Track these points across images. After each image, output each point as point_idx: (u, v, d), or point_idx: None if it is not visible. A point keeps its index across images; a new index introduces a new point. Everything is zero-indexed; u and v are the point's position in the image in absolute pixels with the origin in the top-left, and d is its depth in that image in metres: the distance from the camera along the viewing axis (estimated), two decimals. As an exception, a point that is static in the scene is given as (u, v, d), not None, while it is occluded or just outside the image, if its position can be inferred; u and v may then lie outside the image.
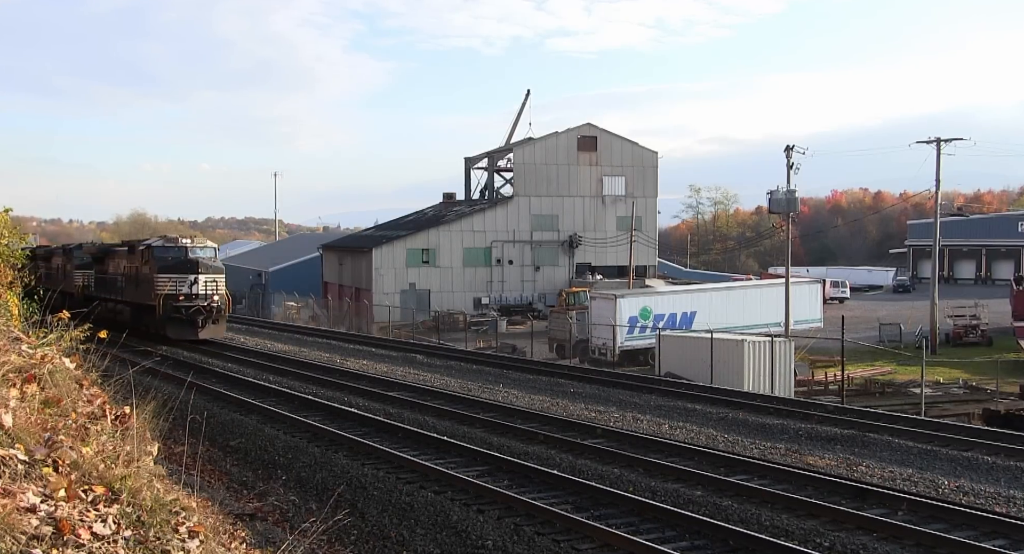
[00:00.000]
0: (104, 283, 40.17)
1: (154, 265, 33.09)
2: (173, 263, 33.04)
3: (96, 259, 41.97)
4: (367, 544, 11.29)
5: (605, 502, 12.68)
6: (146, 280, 33.55)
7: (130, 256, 36.29)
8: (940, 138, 48.57)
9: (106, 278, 39.99)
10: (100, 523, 4.65)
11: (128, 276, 36.41)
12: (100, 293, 39.73)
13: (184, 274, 32.66)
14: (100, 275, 40.94)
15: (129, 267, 36.29)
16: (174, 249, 33.50)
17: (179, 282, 32.58)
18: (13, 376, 6.55)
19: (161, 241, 34.23)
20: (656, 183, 76.29)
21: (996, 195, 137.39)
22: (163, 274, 32.63)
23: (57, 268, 47.91)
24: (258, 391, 23.12)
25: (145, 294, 33.60)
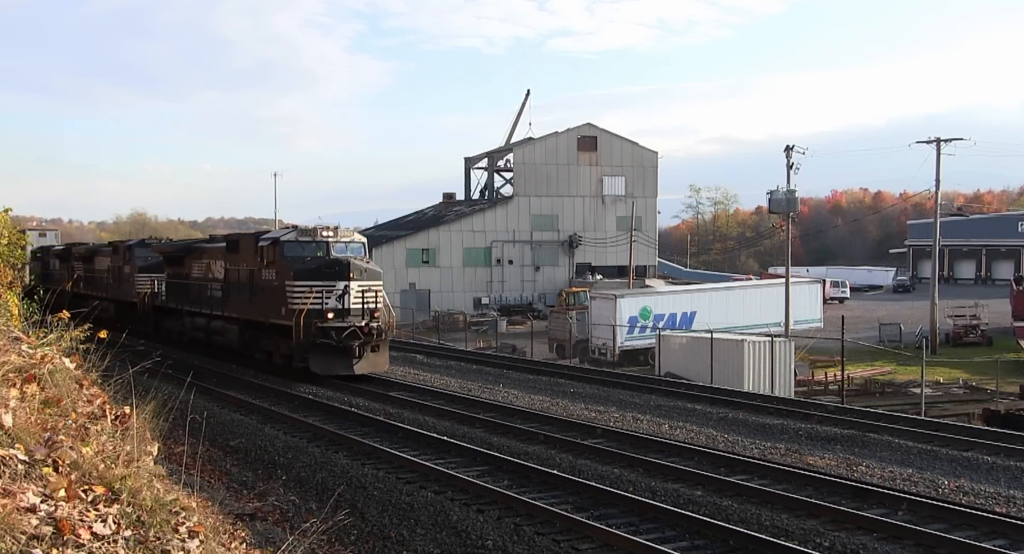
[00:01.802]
0: (186, 292, 31.62)
1: (285, 268, 23.99)
2: (314, 266, 23.89)
3: (171, 259, 33.58)
4: (367, 544, 11.28)
5: (605, 502, 12.67)
6: (272, 290, 24.58)
7: (234, 255, 27.70)
8: (940, 138, 48.57)
9: (189, 285, 31.33)
10: (100, 523, 4.65)
11: (235, 284, 27.42)
12: (178, 304, 32.05)
13: (331, 281, 23.54)
14: (177, 280, 32.48)
15: (236, 271, 27.41)
16: (312, 244, 24.55)
17: (325, 293, 23.40)
18: (13, 376, 6.54)
19: (293, 233, 25.09)
20: (656, 183, 76.30)
21: (996, 195, 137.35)
22: (301, 282, 23.43)
23: (107, 271, 40.65)
24: (258, 391, 23.12)
25: (271, 309, 24.59)
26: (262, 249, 25.33)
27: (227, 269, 28.05)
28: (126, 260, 37.71)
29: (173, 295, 32.95)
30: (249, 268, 26.22)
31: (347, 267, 23.67)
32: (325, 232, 24.86)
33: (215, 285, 28.88)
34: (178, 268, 32.49)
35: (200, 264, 30.44)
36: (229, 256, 27.90)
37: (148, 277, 35.59)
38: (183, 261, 32.01)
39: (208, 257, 29.84)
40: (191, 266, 31.30)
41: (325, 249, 24.56)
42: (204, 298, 29.64)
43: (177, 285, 32.50)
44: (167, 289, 33.70)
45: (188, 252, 31.98)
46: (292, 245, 24.50)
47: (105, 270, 41.10)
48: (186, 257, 31.85)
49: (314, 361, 23.47)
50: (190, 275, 31.31)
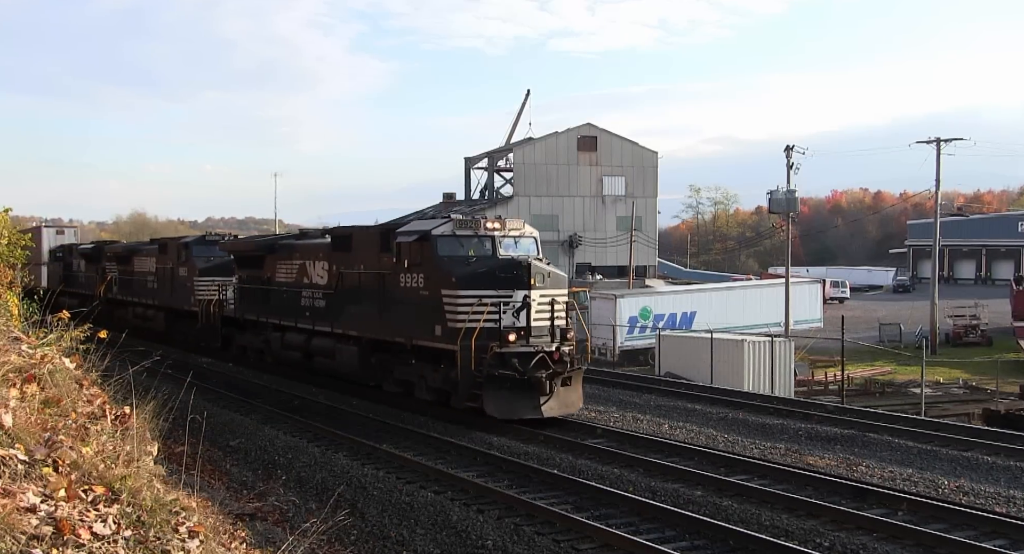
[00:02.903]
0: (268, 300, 25.32)
1: (441, 272, 17.82)
2: (483, 269, 17.60)
3: (245, 260, 27.62)
4: (367, 544, 11.28)
5: (605, 502, 12.68)
6: (418, 301, 18.29)
7: (344, 254, 21.64)
8: (940, 138, 48.60)
9: (273, 292, 25.14)
10: (100, 523, 4.65)
11: (350, 291, 21.26)
12: (258, 315, 25.99)
13: (507, 290, 17.24)
14: (256, 286, 26.22)
15: (352, 274, 21.14)
16: (473, 240, 18.28)
17: (501, 306, 17.17)
18: (13, 376, 6.55)
19: (448, 225, 18.38)
20: (656, 183, 76.34)
21: (996, 195, 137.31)
22: (467, 291, 17.16)
23: (152, 273, 34.90)
24: (257, 391, 23.12)
25: (417, 326, 18.35)
26: (401, 246, 19.02)
27: (335, 272, 22.04)
28: (181, 260, 31.94)
29: (250, 304, 26.59)
30: (375, 271, 20.11)
31: (527, 271, 17.23)
32: (490, 224, 18.40)
33: (315, 293, 22.98)
34: (255, 270, 26.53)
35: (289, 265, 24.64)
36: (337, 255, 22.09)
37: (211, 281, 29.88)
38: (262, 262, 26.03)
39: (302, 256, 24.05)
40: (275, 268, 25.43)
41: (491, 246, 18.22)
42: (297, 309, 23.68)
43: (255, 292, 26.27)
44: (240, 296, 27.47)
45: (270, 250, 25.94)
46: (448, 241, 18.14)
47: (149, 272, 35.33)
48: (267, 257, 25.83)
49: (490, 400, 16.87)
50: (274, 279, 25.42)
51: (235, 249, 29.38)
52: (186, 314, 31.56)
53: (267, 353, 26.14)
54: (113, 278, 39.07)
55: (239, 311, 27.53)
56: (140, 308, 35.98)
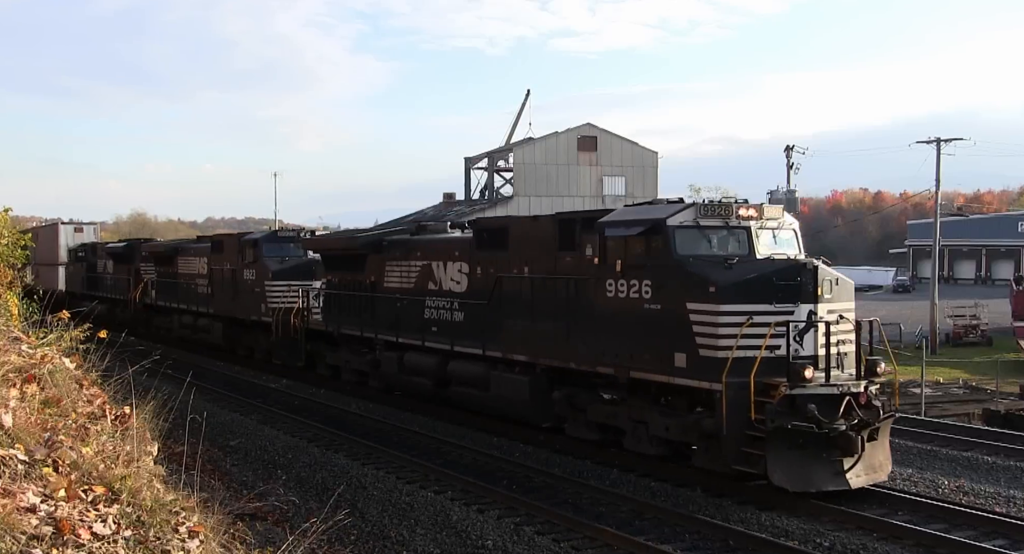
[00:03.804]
0: (392, 311, 20.20)
1: (687, 277, 13.04)
2: (753, 275, 12.80)
3: (340, 260, 22.69)
4: (367, 544, 11.29)
5: (605, 502, 12.67)
6: (644, 319, 13.47)
7: (504, 253, 16.82)
8: (940, 138, 48.59)
9: (397, 302, 20.06)
10: (100, 523, 4.65)
11: (513, 299, 16.36)
12: (368, 330, 20.93)
13: (786, 304, 12.55)
14: (359, 293, 21.53)
15: (520, 281, 16.26)
16: (723, 232, 13.50)
17: (775, 327, 12.38)
18: (13, 376, 6.55)
19: (689, 211, 13.55)
20: (656, 183, 76.29)
21: (996, 195, 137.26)
22: (733, 306, 12.45)
23: (203, 276, 30.49)
24: (257, 390, 23.12)
25: (647, 353, 13.49)
26: (610, 242, 14.14)
27: (482, 276, 17.27)
28: (246, 260, 27.16)
29: (346, 315, 22.01)
30: (557, 275, 15.29)
31: (813, 277, 12.62)
32: (744, 211, 13.45)
33: (447, 303, 18.38)
34: (353, 273, 21.97)
35: (404, 267, 20.04)
36: (485, 255, 17.34)
37: (287, 286, 25.47)
38: (363, 262, 21.54)
39: (426, 256, 19.35)
40: (382, 270, 20.77)
41: (746, 240, 13.39)
42: (419, 323, 19.07)
43: (354, 300, 21.74)
44: (332, 305, 22.89)
45: (375, 249, 21.14)
46: (690, 235, 13.32)
47: (199, 274, 30.88)
48: (370, 257, 21.30)
49: (777, 464, 11.90)
50: (381, 284, 20.81)
51: (324, 247, 24.31)
52: (253, 325, 27.01)
53: (374, 377, 21.37)
54: (150, 281, 34.99)
55: (332, 323, 22.55)
56: (188, 316, 31.59)
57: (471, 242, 18.09)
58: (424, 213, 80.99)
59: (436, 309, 18.78)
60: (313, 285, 24.46)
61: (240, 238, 28.64)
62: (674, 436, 13.53)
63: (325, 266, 23.75)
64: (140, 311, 35.49)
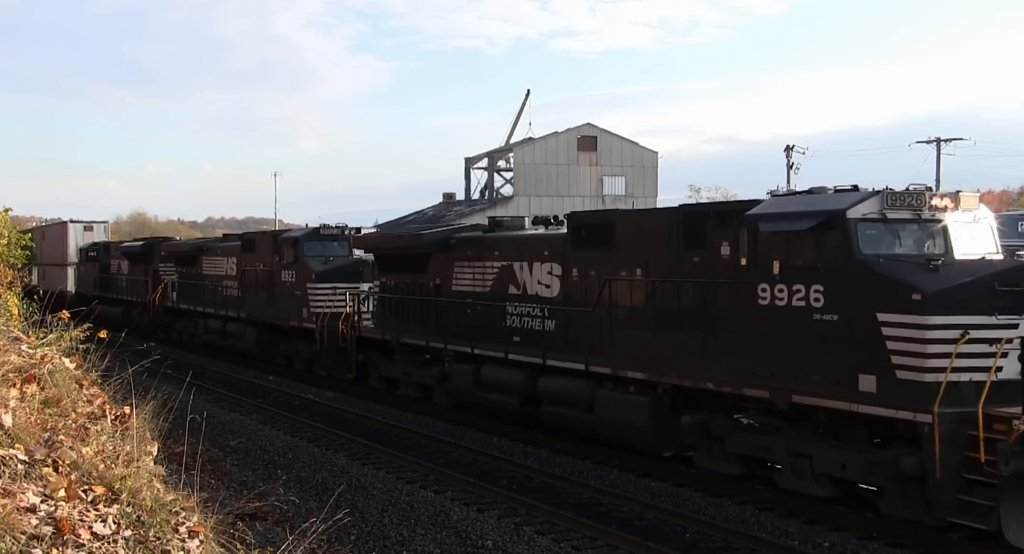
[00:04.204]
0: (462, 319, 18.03)
1: (875, 281, 10.79)
2: (968, 280, 10.57)
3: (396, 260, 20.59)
4: (367, 544, 11.28)
5: (605, 502, 12.67)
6: (807, 330, 11.37)
7: (609, 252, 14.62)
8: (940, 138, 48.65)
9: (469, 307, 17.95)
10: (100, 523, 4.66)
11: (633, 308, 14.22)
12: (434, 339, 18.55)
13: (1010, 316, 10.27)
14: (422, 298, 19.30)
15: (633, 285, 14.18)
16: (913, 227, 11.35)
17: (989, 346, 10.11)
18: (13, 376, 6.55)
19: (872, 199, 11.28)
20: (656, 183, 76.33)
21: (996, 195, 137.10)
22: (946, 318, 10.22)
23: (232, 278, 28.20)
24: (257, 391, 23.13)
25: (817, 371, 11.27)
26: (762, 239, 12.01)
27: (579, 278, 15.30)
28: (285, 260, 24.74)
29: (404, 321, 19.73)
30: (683, 279, 13.11)
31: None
32: (938, 201, 11.39)
33: (533, 309, 16.34)
34: (413, 275, 19.65)
35: (478, 269, 17.87)
36: (581, 254, 15.22)
37: (331, 289, 22.85)
38: (425, 263, 19.17)
39: (506, 256, 17.15)
40: (449, 272, 18.56)
41: (942, 238, 11.43)
42: (499, 331, 16.91)
43: (415, 305, 19.52)
44: (387, 310, 20.60)
45: (442, 248, 18.80)
46: (875, 230, 11.31)
47: (227, 276, 28.68)
48: (434, 256, 19.02)
49: (1014, 516, 9.77)
50: (449, 287, 18.61)
51: (379, 246, 22.08)
52: (292, 332, 24.74)
53: (441, 392, 19.03)
54: (171, 283, 32.95)
55: (388, 331, 20.22)
56: (215, 321, 29.20)
57: (564, 240, 15.89)
58: (424, 213, 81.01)
59: (520, 316, 16.67)
60: (360, 288, 22.40)
61: (277, 236, 26.18)
62: (854, 476, 11.33)
63: (379, 267, 21.58)
64: (159, 314, 33.77)
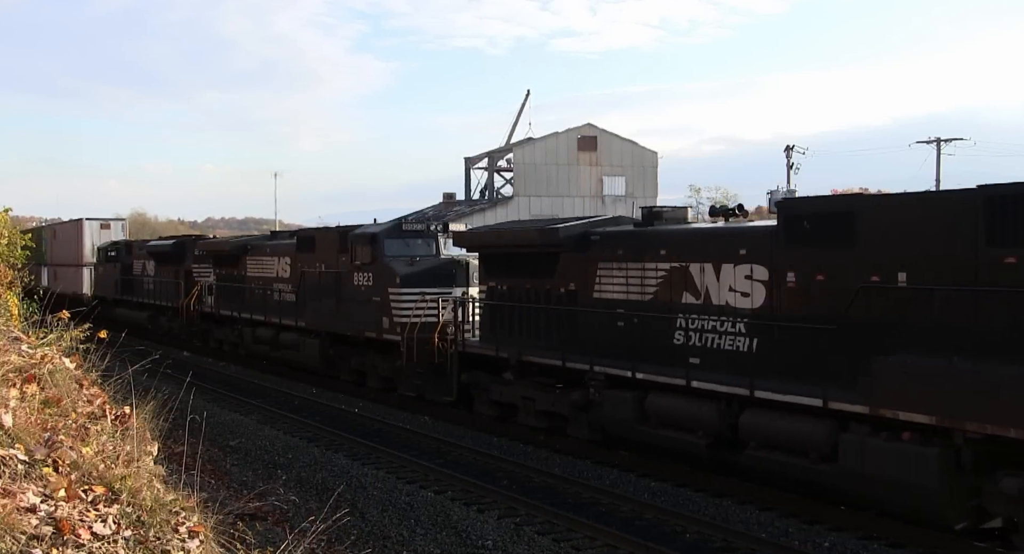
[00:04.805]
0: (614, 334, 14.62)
1: None
2: None
3: (511, 261, 17.01)
4: (367, 544, 11.28)
5: (605, 502, 12.67)
6: None
7: (852, 250, 11.16)
8: (940, 138, 48.67)
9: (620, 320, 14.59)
10: (100, 523, 4.66)
11: (919, 325, 10.27)
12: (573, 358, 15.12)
13: None
14: (557, 308, 15.83)
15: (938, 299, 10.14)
16: None
17: None
18: (13, 376, 6.55)
19: None
20: (656, 183, 76.36)
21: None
22: None
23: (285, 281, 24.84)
24: (257, 390, 23.13)
25: None
26: None
27: (790, 282, 12.08)
28: (360, 261, 21.10)
29: (524, 334, 16.46)
30: (1002, 284, 9.71)
31: None
32: None
33: (709, 323, 13.11)
34: (535, 279, 16.30)
35: (634, 272, 14.44)
36: (798, 254, 11.94)
37: (419, 295, 19.33)
38: (554, 264, 15.85)
39: (675, 256, 13.79)
40: (590, 275, 15.16)
41: None
42: (670, 351, 13.56)
43: (539, 316, 16.18)
44: (499, 321, 17.09)
45: (579, 246, 15.37)
46: None
47: (279, 278, 25.30)
48: (566, 256, 15.68)
49: None
50: (587, 293, 15.23)
51: (488, 244, 18.08)
52: (368, 344, 21.26)
53: (580, 424, 15.26)
54: (207, 285, 29.96)
55: (502, 346, 16.68)
56: (266, 329, 25.71)
57: (772, 235, 12.37)
58: (424, 213, 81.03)
59: (699, 332, 13.24)
60: (454, 293, 19.25)
61: (345, 233, 22.36)
62: None
63: (486, 269, 17.89)
64: (194, 321, 30.67)
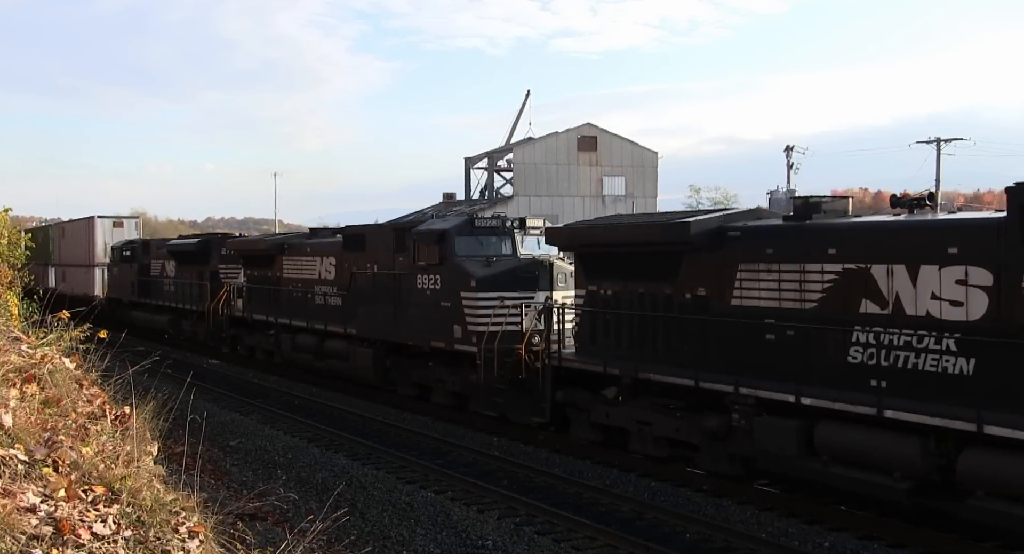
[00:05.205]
0: (779, 349, 11.88)
1: None
2: None
3: (620, 260, 14.59)
4: (367, 544, 11.28)
5: (605, 502, 12.67)
6: None
7: None
8: (940, 138, 48.66)
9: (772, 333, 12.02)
10: (100, 523, 4.66)
11: None
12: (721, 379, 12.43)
13: None
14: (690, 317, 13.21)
15: None
16: None
17: None
18: (13, 376, 6.55)
19: None
20: (656, 183, 76.39)
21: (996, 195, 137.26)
22: None
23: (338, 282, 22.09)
24: (257, 390, 23.13)
25: None
26: None
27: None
28: (426, 261, 18.59)
29: (631, 345, 14.21)
30: None
31: None
32: None
33: (902, 338, 10.76)
34: (645, 281, 14.15)
35: (784, 274, 12.14)
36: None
37: (496, 299, 17.00)
38: (676, 265, 13.57)
39: (861, 251, 11.40)
40: (723, 277, 12.91)
41: None
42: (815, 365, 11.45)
43: (649, 326, 14.01)
44: (604, 330, 14.86)
45: (709, 243, 13.06)
46: None
47: (321, 280, 23.01)
48: (689, 256, 13.39)
49: None
50: (724, 299, 12.90)
51: (589, 241, 15.72)
52: (433, 355, 18.88)
53: (716, 455, 12.88)
54: (237, 287, 28.10)
55: (611, 361, 14.37)
56: (307, 336, 23.48)
57: (1001, 229, 10.39)
58: (424, 213, 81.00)
59: (885, 349, 10.91)
60: (536, 298, 16.98)
61: (402, 230, 20.00)
62: None
63: (585, 270, 15.55)
64: (223, 326, 28.53)
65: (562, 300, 16.58)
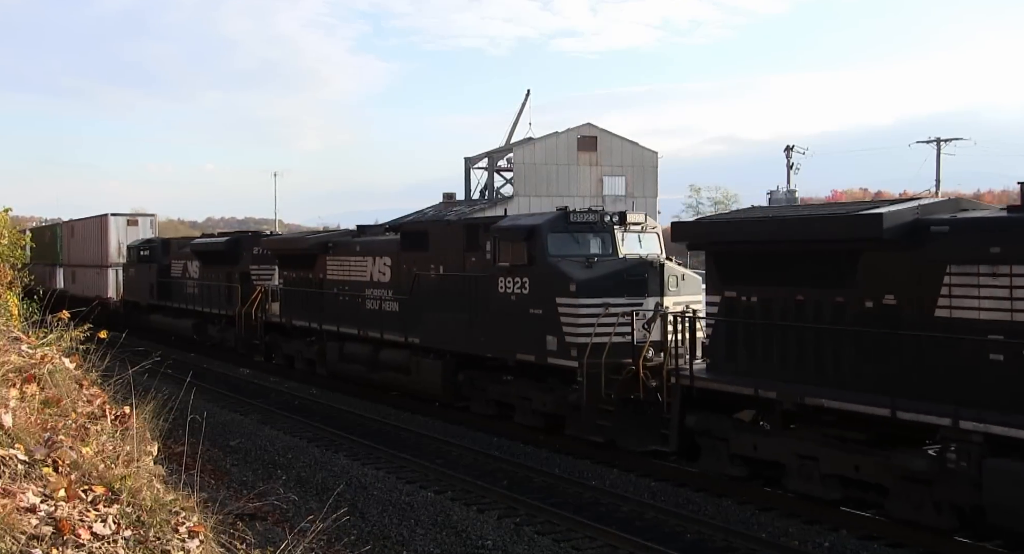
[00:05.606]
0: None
1: None
2: None
3: (789, 260, 11.93)
4: (367, 544, 11.28)
5: (605, 502, 12.67)
6: None
7: None
8: (940, 138, 48.69)
9: None
10: (100, 523, 4.66)
11: None
12: (945, 412, 9.78)
13: None
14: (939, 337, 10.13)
15: None
16: None
17: None
18: (13, 376, 6.55)
19: None
20: (656, 183, 76.38)
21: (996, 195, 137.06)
22: None
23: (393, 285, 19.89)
24: (257, 391, 23.12)
25: None
26: None
27: None
28: (511, 262, 16.24)
29: (783, 362, 12.08)
30: None
31: None
32: None
33: None
34: (801, 287, 11.91)
35: (1017, 278, 9.60)
36: None
37: (600, 306, 14.75)
38: (852, 265, 11.32)
39: None
40: (909, 281, 10.74)
41: None
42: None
43: (812, 339, 11.72)
44: (746, 346, 12.63)
45: (900, 240, 10.71)
46: None
47: (372, 282, 20.81)
48: (871, 254, 11.10)
49: None
50: (916, 310, 10.64)
51: (723, 238, 13.33)
52: (520, 369, 16.65)
53: (923, 505, 10.46)
54: (272, 290, 25.93)
55: (761, 382, 12.12)
56: (357, 345, 21.27)
57: None
58: (424, 213, 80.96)
59: None
60: (645, 304, 14.89)
61: (475, 226, 17.89)
62: None
63: (720, 273, 13.25)
64: (257, 332, 26.17)
65: (674, 306, 14.62)
